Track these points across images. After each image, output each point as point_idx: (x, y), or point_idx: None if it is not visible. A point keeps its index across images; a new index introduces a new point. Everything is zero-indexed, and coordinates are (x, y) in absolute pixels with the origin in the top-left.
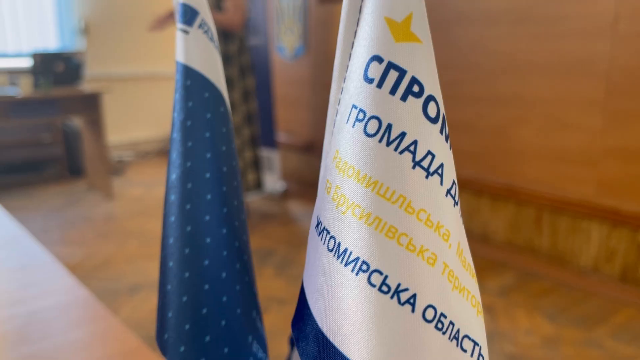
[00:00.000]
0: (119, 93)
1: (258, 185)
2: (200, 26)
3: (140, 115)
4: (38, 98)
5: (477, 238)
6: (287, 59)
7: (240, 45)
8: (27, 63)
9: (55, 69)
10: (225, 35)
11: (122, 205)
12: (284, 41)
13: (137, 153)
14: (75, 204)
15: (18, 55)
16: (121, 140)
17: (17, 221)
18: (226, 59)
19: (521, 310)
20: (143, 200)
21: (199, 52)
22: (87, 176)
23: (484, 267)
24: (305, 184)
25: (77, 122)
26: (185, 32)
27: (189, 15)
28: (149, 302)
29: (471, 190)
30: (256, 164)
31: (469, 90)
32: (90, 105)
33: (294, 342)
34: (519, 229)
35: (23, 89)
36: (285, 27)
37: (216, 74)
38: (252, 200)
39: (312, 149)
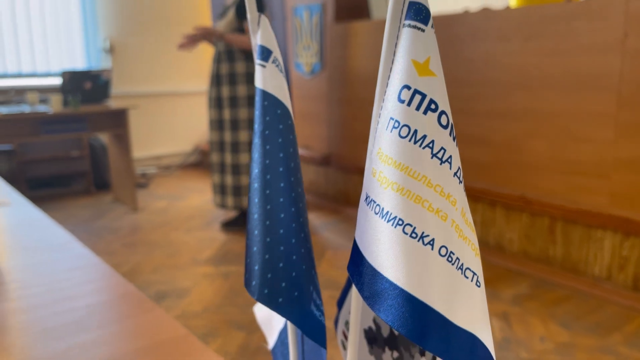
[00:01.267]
0: (142, 109)
1: None
2: (273, 61)
3: (163, 131)
4: (67, 115)
5: (492, 247)
6: (305, 76)
7: None
8: (56, 81)
9: (84, 87)
10: (247, 55)
11: (147, 217)
12: (302, 58)
13: (159, 167)
14: (102, 216)
15: (47, 74)
16: (144, 154)
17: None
18: (251, 78)
19: (536, 318)
20: (167, 212)
21: (272, 80)
22: (113, 189)
23: (499, 276)
24: (323, 196)
25: (103, 137)
26: (263, 66)
27: (266, 54)
28: (175, 309)
29: (486, 201)
30: None
31: (483, 105)
32: (117, 121)
33: (341, 304)
34: (533, 239)
35: (53, 106)
36: (302, 45)
37: (285, 96)
38: None
39: (329, 162)
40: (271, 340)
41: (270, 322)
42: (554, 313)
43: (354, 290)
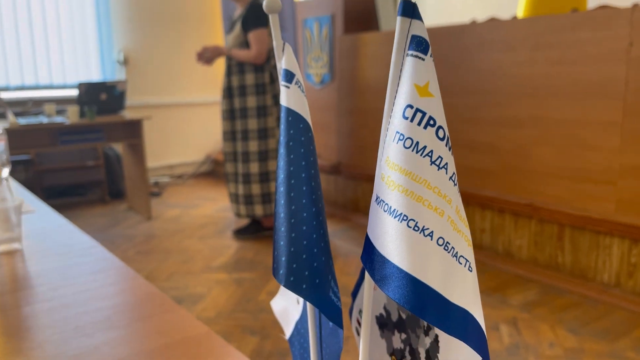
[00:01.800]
0: (155, 120)
1: None
2: (296, 83)
3: (175, 141)
4: (84, 125)
5: (501, 254)
6: (315, 86)
7: (270, 75)
8: (72, 93)
9: (99, 98)
10: (256, 68)
11: (161, 225)
12: (312, 69)
13: (172, 176)
14: (117, 224)
15: (64, 86)
16: (157, 164)
17: None
18: (260, 89)
19: (545, 324)
20: (180, 221)
21: (295, 99)
22: (127, 198)
23: (508, 282)
24: (333, 204)
25: (117, 147)
26: (287, 87)
27: (289, 76)
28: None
29: (495, 208)
30: None
31: (490, 113)
32: (132, 131)
33: (354, 295)
34: (542, 246)
35: (70, 117)
36: (312, 56)
37: (306, 112)
38: None
39: (338, 171)
40: (288, 331)
41: (287, 314)
42: (562, 319)
43: (366, 278)
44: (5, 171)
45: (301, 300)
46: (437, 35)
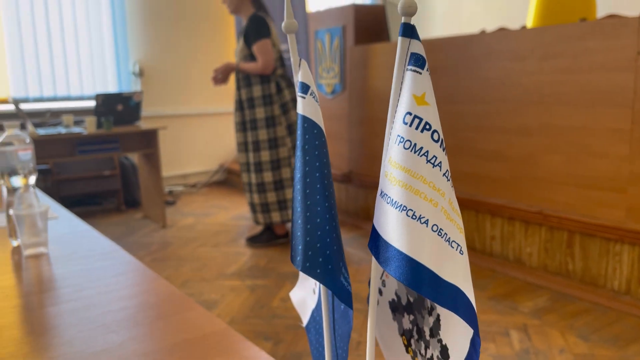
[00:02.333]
0: (169, 130)
1: None
2: (311, 94)
3: (189, 150)
4: (101, 136)
5: (512, 261)
6: (326, 96)
7: (277, 85)
8: (87, 104)
9: (116, 109)
10: (262, 80)
11: (175, 234)
12: (323, 80)
13: (186, 185)
14: (133, 232)
15: (81, 97)
16: (171, 173)
17: None
18: (267, 100)
19: (555, 330)
20: (194, 229)
21: (310, 108)
22: (143, 207)
23: (519, 289)
24: (344, 213)
25: (133, 156)
26: (303, 97)
27: (305, 88)
28: None
29: (505, 216)
30: None
31: (498, 121)
32: (148, 141)
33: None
34: (552, 253)
35: (88, 128)
36: (324, 67)
37: (319, 120)
38: None
39: (349, 179)
40: (305, 319)
41: (304, 304)
42: (573, 325)
43: (373, 262)
44: (32, 179)
45: (317, 290)
46: (447, 45)
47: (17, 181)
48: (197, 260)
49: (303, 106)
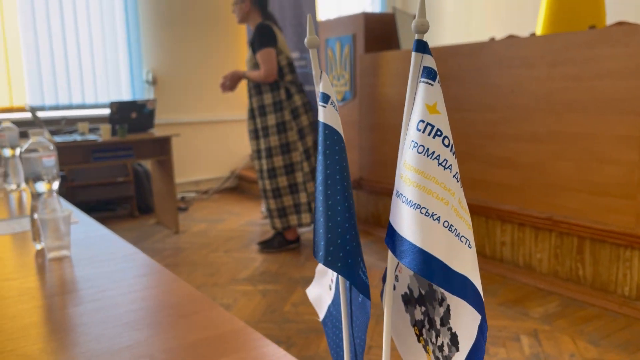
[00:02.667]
0: (182, 137)
1: None
2: (331, 103)
3: (201, 157)
4: (116, 143)
5: (522, 267)
6: (337, 104)
7: (286, 91)
8: (101, 112)
9: (130, 116)
10: (272, 87)
11: (188, 239)
12: (334, 87)
13: (198, 191)
14: (146, 238)
15: (95, 105)
16: (184, 179)
17: None
18: (277, 106)
19: (566, 336)
20: (206, 235)
21: (330, 116)
22: (156, 213)
23: (529, 295)
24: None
25: (146, 163)
26: (324, 106)
27: (326, 98)
28: None
29: (515, 222)
30: None
31: (509, 128)
32: (161, 148)
33: (384, 280)
34: (562, 259)
35: (103, 135)
36: (334, 75)
37: (339, 126)
38: (306, 231)
39: (360, 186)
40: (321, 314)
41: (321, 300)
42: (583, 331)
43: (389, 256)
44: (56, 184)
45: (333, 286)
46: (457, 53)
47: (42, 187)
48: (209, 265)
49: (324, 114)
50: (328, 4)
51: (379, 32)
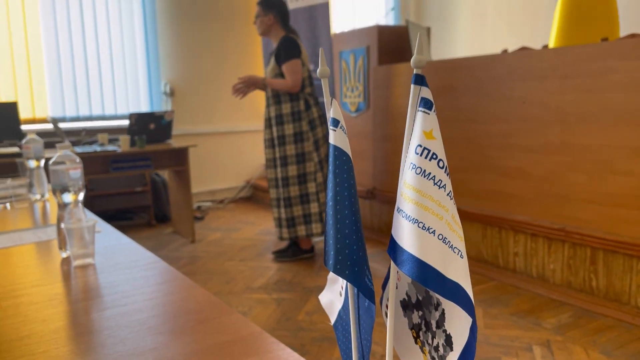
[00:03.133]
0: (198, 147)
1: None
2: (340, 127)
3: (217, 167)
4: (134, 154)
5: (535, 278)
6: (351, 114)
7: (305, 102)
8: (120, 123)
9: (148, 127)
10: (291, 98)
11: (204, 248)
12: (347, 98)
13: (214, 201)
14: (163, 247)
15: (114, 116)
16: (200, 189)
17: None
18: (296, 117)
19: (578, 346)
20: (222, 243)
21: (340, 139)
22: (173, 222)
23: (542, 305)
24: (368, 229)
25: (163, 173)
26: (334, 130)
27: (335, 123)
28: None
29: (528, 233)
30: None
31: (522, 140)
32: (178, 159)
33: (384, 287)
34: (575, 270)
35: (122, 146)
36: (348, 86)
37: (347, 148)
38: (320, 240)
39: (373, 196)
40: (333, 318)
41: (332, 305)
42: (596, 341)
43: (391, 265)
44: (81, 195)
45: (343, 293)
46: (470, 65)
47: (68, 197)
48: (225, 274)
49: (334, 137)
50: (342, 17)
51: (392, 45)
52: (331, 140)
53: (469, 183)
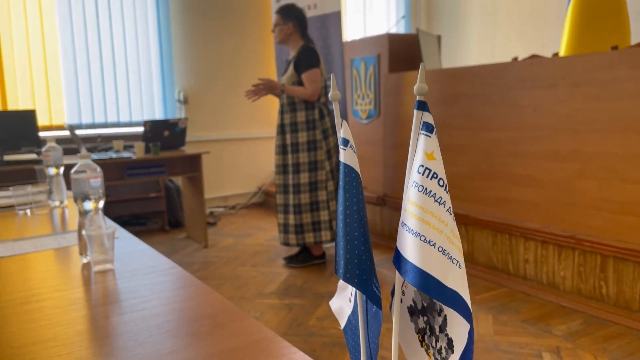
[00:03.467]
0: (211, 154)
1: None
2: (350, 147)
3: (229, 173)
4: (149, 160)
5: (546, 285)
6: (361, 122)
7: (320, 112)
8: (134, 130)
9: (163, 134)
10: (307, 106)
11: (216, 253)
12: (358, 106)
13: (226, 207)
14: (176, 252)
15: (129, 124)
16: (212, 195)
17: None
18: (310, 125)
19: (588, 354)
20: (234, 249)
21: (349, 157)
22: (186, 227)
23: (552, 313)
24: (379, 235)
25: (176, 179)
26: (344, 149)
27: (345, 142)
28: None
29: (538, 240)
30: None
31: (532, 147)
32: (192, 165)
33: (392, 294)
34: (585, 277)
35: (137, 153)
36: (359, 94)
37: (356, 165)
38: (331, 246)
39: (384, 202)
40: (343, 323)
41: (342, 311)
42: (606, 349)
43: (396, 275)
44: (101, 203)
45: (352, 299)
46: (481, 73)
47: (89, 205)
48: (237, 279)
49: (344, 156)
50: (354, 25)
51: (402, 53)
52: (341, 159)
53: (479, 190)
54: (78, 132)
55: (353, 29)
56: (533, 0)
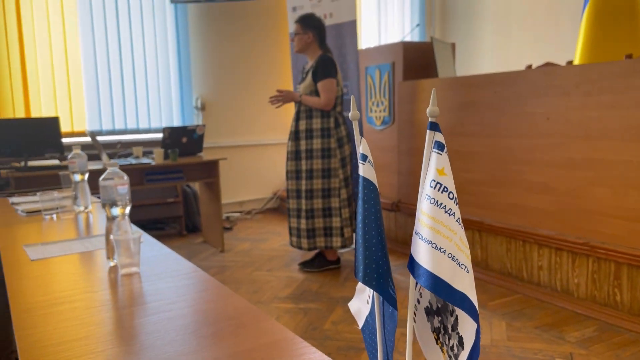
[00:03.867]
0: (228, 159)
1: (353, 240)
2: (368, 162)
3: (246, 178)
4: (167, 166)
5: (560, 292)
6: (376, 128)
7: (335, 120)
8: (153, 136)
9: (181, 141)
10: (323, 114)
11: (233, 258)
12: (373, 113)
13: (242, 212)
14: (193, 256)
15: (148, 130)
16: (228, 200)
17: None
18: (325, 133)
19: None
20: (250, 253)
21: (368, 171)
22: (203, 232)
23: (566, 319)
24: (393, 241)
25: (194, 184)
26: (363, 164)
27: (364, 158)
28: None
29: (552, 247)
30: (352, 221)
31: (545, 155)
32: (209, 171)
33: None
34: (599, 284)
35: (156, 159)
36: (374, 101)
37: (374, 179)
38: (346, 251)
39: (398, 208)
40: (360, 323)
41: (360, 312)
42: (620, 356)
43: (411, 279)
44: (128, 209)
45: (370, 301)
46: (495, 81)
47: (116, 211)
48: (253, 283)
49: (363, 170)
50: (369, 33)
51: (417, 61)
52: (360, 172)
53: (493, 197)
54: (99, 138)
55: (368, 37)
56: (547, 6)
